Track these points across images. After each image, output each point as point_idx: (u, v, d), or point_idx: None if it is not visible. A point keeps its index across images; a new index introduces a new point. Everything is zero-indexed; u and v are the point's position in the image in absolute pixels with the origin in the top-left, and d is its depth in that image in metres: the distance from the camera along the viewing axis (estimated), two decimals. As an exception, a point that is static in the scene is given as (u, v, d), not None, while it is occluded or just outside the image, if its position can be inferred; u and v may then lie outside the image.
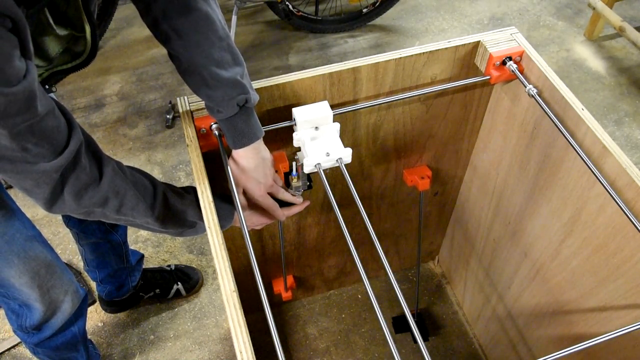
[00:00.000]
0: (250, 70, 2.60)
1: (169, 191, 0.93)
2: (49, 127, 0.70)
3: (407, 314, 0.75)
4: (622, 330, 0.79)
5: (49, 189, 0.75)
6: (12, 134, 0.66)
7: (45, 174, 0.73)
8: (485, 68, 1.07)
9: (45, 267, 1.13)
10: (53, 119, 0.71)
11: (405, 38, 2.60)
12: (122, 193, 0.84)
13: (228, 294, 0.75)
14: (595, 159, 0.92)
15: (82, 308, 1.29)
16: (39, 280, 1.12)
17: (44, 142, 0.70)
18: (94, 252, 1.48)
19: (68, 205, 0.79)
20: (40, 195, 0.76)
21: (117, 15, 2.47)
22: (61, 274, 1.18)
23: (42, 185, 0.74)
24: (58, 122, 0.72)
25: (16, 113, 0.64)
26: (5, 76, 0.61)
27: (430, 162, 1.35)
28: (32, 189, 0.75)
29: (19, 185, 0.74)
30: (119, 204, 0.84)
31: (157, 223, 0.90)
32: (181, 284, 1.71)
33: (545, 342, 1.28)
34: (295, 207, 1.12)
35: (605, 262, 0.98)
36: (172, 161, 2.09)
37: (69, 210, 0.80)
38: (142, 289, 1.68)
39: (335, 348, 1.65)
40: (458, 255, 1.64)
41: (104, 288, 1.62)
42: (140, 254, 1.63)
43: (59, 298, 1.19)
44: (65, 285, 1.20)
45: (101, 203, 0.82)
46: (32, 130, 0.68)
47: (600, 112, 2.27)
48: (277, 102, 1.02)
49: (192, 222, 0.95)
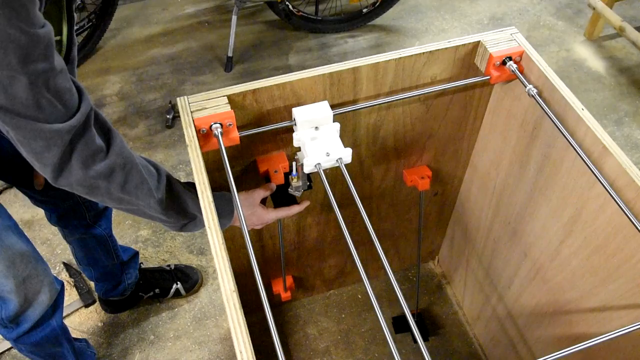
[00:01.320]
0: (250, 70, 2.60)
1: (172, 178, 0.94)
2: (62, 85, 0.72)
3: (407, 314, 0.75)
4: (622, 330, 0.79)
5: (58, 153, 0.75)
6: (30, 82, 0.67)
7: (57, 135, 0.73)
8: (485, 68, 1.07)
9: (20, 257, 1.12)
10: (66, 79, 0.73)
11: (405, 38, 2.60)
12: (128, 167, 0.84)
13: (228, 294, 0.75)
14: (595, 159, 0.92)
15: (58, 301, 1.28)
16: (14, 269, 1.12)
17: (57, 100, 0.71)
18: (81, 248, 1.48)
19: (75, 174, 0.79)
20: (49, 160, 0.76)
21: (117, 15, 2.47)
22: (36, 265, 1.17)
23: (52, 147, 0.74)
24: (70, 84, 0.74)
25: (36, 59, 0.66)
26: (30, 16, 0.64)
27: (430, 162, 1.35)
28: (42, 152, 0.75)
29: (29, 148, 0.74)
30: (124, 179, 0.84)
31: (159, 207, 0.90)
32: (181, 284, 1.71)
33: (545, 342, 1.28)
34: (295, 207, 1.13)
35: (605, 262, 0.98)
36: (172, 161, 2.09)
37: (75, 180, 0.80)
38: (142, 289, 1.68)
39: (335, 348, 1.65)
40: (458, 255, 1.64)
41: (101, 287, 1.62)
42: (134, 251, 1.62)
43: (35, 288, 1.18)
44: (41, 276, 1.19)
45: (107, 174, 0.82)
46: (47, 84, 0.69)
47: (600, 112, 2.27)
48: (277, 102, 1.02)
49: (193, 214, 0.95)
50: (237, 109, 0.99)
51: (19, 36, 0.64)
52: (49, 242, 1.86)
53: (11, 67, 0.65)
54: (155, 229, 1.90)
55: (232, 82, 2.37)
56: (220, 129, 0.94)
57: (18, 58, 0.65)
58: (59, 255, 1.83)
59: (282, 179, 1.12)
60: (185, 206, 0.94)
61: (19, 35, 0.64)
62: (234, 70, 2.42)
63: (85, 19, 2.34)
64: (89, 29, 2.38)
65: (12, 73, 0.65)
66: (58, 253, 1.84)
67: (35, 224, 1.90)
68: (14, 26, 0.63)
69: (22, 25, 0.64)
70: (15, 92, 0.67)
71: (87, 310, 1.73)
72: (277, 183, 1.12)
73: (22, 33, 0.64)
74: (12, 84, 0.66)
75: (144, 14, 2.70)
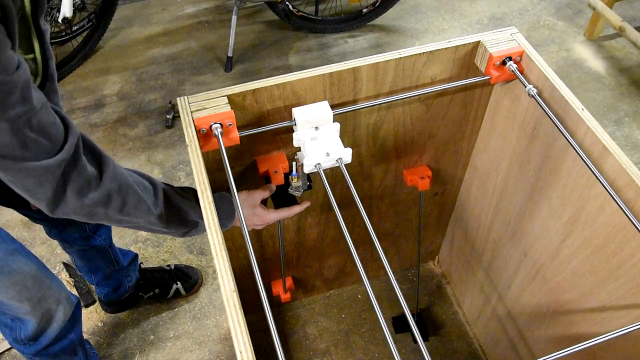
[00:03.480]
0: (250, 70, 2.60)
1: (169, 190, 0.93)
2: (45, 121, 0.70)
3: (407, 314, 0.75)
4: (622, 330, 0.79)
5: (51, 188, 0.74)
6: (12, 127, 0.65)
7: (48, 171, 0.72)
8: (485, 68, 1.07)
9: (32, 279, 1.11)
10: (48, 113, 0.71)
11: (405, 38, 2.60)
12: (124, 190, 0.83)
13: (228, 294, 0.75)
14: (595, 159, 0.92)
15: (76, 314, 1.29)
16: (27, 292, 1.11)
17: (42, 137, 0.70)
18: (82, 258, 1.47)
19: (71, 205, 0.78)
20: (43, 195, 0.75)
21: (117, 15, 2.47)
22: (50, 284, 1.17)
23: (44, 183, 0.73)
24: (53, 117, 0.72)
25: (14, 103, 0.64)
26: (2, 63, 0.61)
27: (430, 162, 1.35)
28: (35, 189, 0.74)
29: (21, 186, 0.73)
30: (121, 203, 0.83)
31: (160, 222, 0.90)
32: (180, 284, 1.71)
33: (545, 342, 1.28)
34: (296, 208, 1.13)
35: (605, 262, 0.98)
36: (172, 161, 2.09)
37: (72, 210, 0.79)
38: (142, 289, 1.68)
39: (335, 348, 1.65)
40: (458, 255, 1.64)
41: (102, 290, 1.62)
42: (133, 254, 1.62)
43: (51, 308, 1.18)
44: (56, 294, 1.19)
45: (104, 202, 0.81)
46: (30, 124, 0.67)
47: (600, 112, 2.27)
48: (277, 102, 1.02)
49: (195, 221, 0.95)
50: (237, 109, 0.99)
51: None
52: (49, 242, 1.86)
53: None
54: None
55: (232, 82, 2.37)
56: (220, 129, 0.94)
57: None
58: (59, 255, 1.83)
59: (282, 180, 1.12)
60: (185, 216, 0.94)
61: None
62: (234, 70, 2.42)
63: (85, 19, 2.34)
64: (89, 29, 2.38)
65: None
66: (58, 253, 1.84)
67: (35, 228, 1.89)
68: None
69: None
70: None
71: (87, 310, 1.73)
72: (277, 183, 1.12)
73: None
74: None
75: (144, 14, 2.70)
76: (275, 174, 1.10)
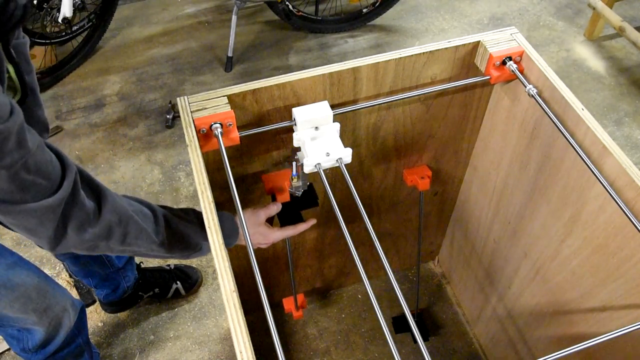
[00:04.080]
0: (250, 70, 2.60)
1: (169, 215, 0.93)
2: (41, 161, 0.69)
3: (407, 314, 0.75)
4: (622, 330, 0.79)
5: (52, 226, 0.74)
6: (9, 174, 0.65)
7: (48, 210, 0.71)
8: (485, 68, 1.07)
9: (35, 290, 1.11)
10: (43, 153, 0.70)
11: (405, 38, 2.60)
12: (124, 221, 0.82)
13: (228, 294, 0.75)
14: (595, 159, 0.92)
15: (82, 318, 1.29)
16: (32, 304, 1.11)
17: (40, 177, 0.69)
18: (75, 264, 1.46)
19: (72, 241, 0.77)
20: (44, 234, 0.74)
21: (117, 15, 2.47)
22: (54, 293, 1.17)
23: (45, 223, 0.73)
24: (49, 156, 0.71)
25: (11, 150, 0.63)
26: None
27: (430, 162, 1.35)
28: (36, 229, 0.73)
29: (22, 227, 0.73)
30: (122, 234, 0.83)
31: (162, 249, 0.90)
32: (180, 283, 1.71)
33: (545, 342, 1.28)
34: (302, 225, 1.12)
35: (605, 262, 0.98)
36: (172, 161, 2.09)
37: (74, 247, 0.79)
38: (141, 288, 1.68)
39: (335, 348, 1.65)
40: (458, 255, 1.64)
41: (101, 292, 1.62)
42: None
43: (58, 315, 1.19)
44: (61, 302, 1.19)
45: (105, 235, 0.80)
46: (27, 167, 0.66)
47: (600, 112, 2.27)
48: (277, 102, 1.02)
49: (197, 243, 0.95)
50: (237, 109, 0.99)
51: None
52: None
53: None
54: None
55: (232, 82, 2.37)
56: (220, 129, 0.94)
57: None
58: (59, 255, 1.83)
59: (287, 197, 1.11)
60: (188, 240, 0.93)
61: None
62: (234, 70, 2.42)
63: (85, 19, 2.34)
64: (89, 29, 2.38)
65: None
66: (58, 253, 1.84)
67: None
68: None
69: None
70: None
71: (87, 310, 1.72)
72: (283, 201, 1.11)
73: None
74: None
75: (144, 14, 2.70)
76: (281, 192, 1.10)
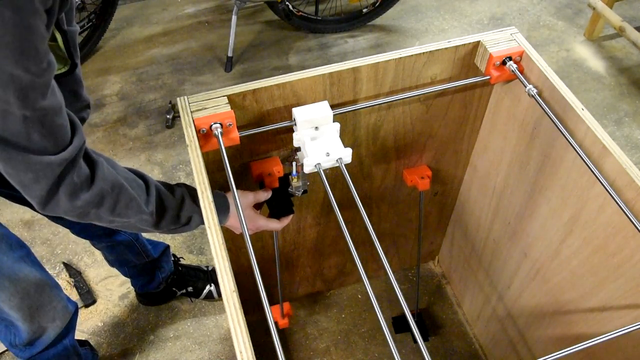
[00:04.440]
0: (250, 70, 2.60)
1: (161, 187, 0.93)
2: (57, 124, 0.72)
3: (407, 314, 0.75)
4: (622, 330, 0.79)
5: (46, 186, 0.75)
6: (24, 118, 0.68)
7: (47, 167, 0.73)
8: (485, 68, 1.07)
9: (35, 286, 1.13)
10: (61, 117, 0.74)
11: (405, 38, 2.60)
12: (116, 189, 0.83)
13: (228, 294, 0.75)
14: (595, 159, 0.92)
15: (72, 321, 1.29)
16: (29, 300, 1.12)
17: (49, 136, 0.72)
18: (111, 253, 1.49)
19: (62, 205, 0.79)
20: (37, 192, 0.76)
21: (117, 15, 2.47)
22: (50, 292, 1.18)
23: (41, 180, 0.74)
24: (65, 122, 0.75)
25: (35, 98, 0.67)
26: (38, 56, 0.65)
27: (430, 162, 1.35)
28: (30, 184, 0.75)
29: (18, 179, 0.74)
30: (113, 202, 0.83)
31: (151, 219, 0.90)
32: (215, 287, 1.71)
33: (545, 342, 1.28)
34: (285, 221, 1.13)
35: (605, 262, 0.98)
36: (172, 161, 2.09)
37: (63, 210, 0.80)
38: (176, 284, 1.68)
39: (335, 348, 1.65)
40: (458, 255, 1.64)
41: (136, 282, 1.64)
42: (165, 245, 1.61)
43: (48, 315, 1.19)
44: (55, 302, 1.20)
45: (96, 202, 0.81)
46: (42, 122, 0.70)
47: (600, 112, 2.27)
48: (277, 102, 1.02)
49: (187, 217, 0.95)
50: (237, 109, 0.99)
51: (22, 76, 0.64)
52: (49, 242, 1.86)
53: (8, 103, 0.65)
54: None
55: (232, 82, 2.37)
56: (220, 129, 0.94)
57: (17, 97, 0.65)
58: (59, 255, 1.83)
59: (276, 183, 1.11)
60: (178, 212, 0.94)
61: (23, 75, 0.64)
62: (234, 70, 2.42)
63: (85, 19, 2.34)
64: (89, 29, 2.38)
65: (7, 107, 0.66)
66: (58, 253, 1.84)
67: (35, 224, 1.89)
68: (20, 67, 0.64)
69: (28, 66, 0.64)
70: (8, 126, 0.68)
71: (87, 310, 1.73)
72: (272, 187, 1.11)
73: (26, 73, 0.64)
74: (6, 119, 0.67)
75: (144, 14, 2.70)
76: (269, 176, 1.10)
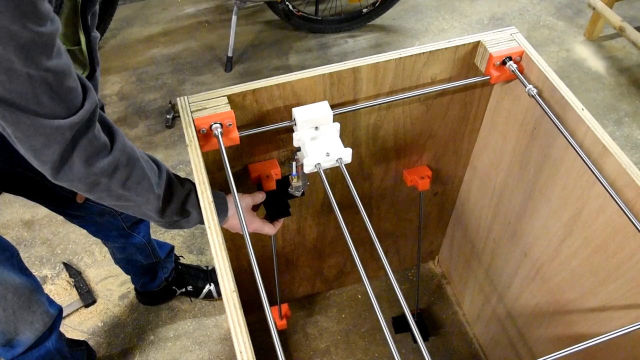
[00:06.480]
0: (250, 70, 2.60)
1: (172, 174, 0.93)
2: (66, 86, 0.70)
3: (407, 314, 0.75)
4: (622, 330, 0.79)
5: (59, 150, 0.73)
6: (30, 77, 0.66)
7: (58, 131, 0.71)
8: (485, 68, 1.07)
9: (14, 291, 1.13)
10: (71, 80, 0.71)
11: (405, 38, 2.60)
12: (131, 164, 0.83)
13: (228, 294, 0.75)
14: (595, 159, 0.92)
15: (55, 324, 1.29)
16: (4, 303, 1.13)
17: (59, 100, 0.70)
18: (121, 253, 1.49)
19: (76, 171, 0.77)
20: (48, 157, 0.74)
21: (117, 15, 2.47)
22: (30, 297, 1.18)
23: (52, 144, 0.72)
24: (76, 85, 0.72)
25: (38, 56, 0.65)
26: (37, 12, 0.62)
27: (430, 162, 1.35)
28: (42, 149, 0.73)
29: (28, 144, 0.72)
30: (126, 175, 0.82)
31: (158, 204, 0.89)
32: (214, 286, 1.71)
33: (545, 342, 1.28)
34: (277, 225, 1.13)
35: (605, 262, 0.98)
36: (172, 161, 2.09)
37: (76, 177, 0.78)
38: (176, 283, 1.68)
39: (335, 348, 1.65)
40: (458, 255, 1.64)
41: (138, 280, 1.64)
42: (170, 246, 1.62)
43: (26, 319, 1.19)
44: (34, 307, 1.20)
45: (110, 171, 0.80)
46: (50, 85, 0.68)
47: (600, 112, 2.27)
48: (277, 102, 1.02)
49: (188, 210, 0.95)
50: (237, 109, 0.99)
51: (20, 33, 0.61)
52: (49, 242, 1.86)
53: (10, 61, 0.63)
54: (155, 228, 1.90)
55: (232, 82, 2.37)
56: (220, 129, 0.94)
57: (18, 54, 0.63)
58: (59, 255, 1.83)
59: (274, 185, 1.11)
60: (183, 202, 0.93)
61: (21, 31, 0.61)
62: (234, 70, 2.42)
63: (85, 19, 2.34)
64: (89, 29, 2.38)
65: (10, 65, 0.63)
66: (58, 253, 1.84)
67: (36, 224, 1.89)
68: (17, 22, 0.61)
69: (26, 22, 0.62)
70: (14, 87, 0.65)
71: (87, 310, 1.73)
72: (269, 189, 1.12)
73: (24, 29, 0.62)
74: (11, 79, 0.65)
75: (144, 14, 2.70)
76: (267, 178, 1.10)
